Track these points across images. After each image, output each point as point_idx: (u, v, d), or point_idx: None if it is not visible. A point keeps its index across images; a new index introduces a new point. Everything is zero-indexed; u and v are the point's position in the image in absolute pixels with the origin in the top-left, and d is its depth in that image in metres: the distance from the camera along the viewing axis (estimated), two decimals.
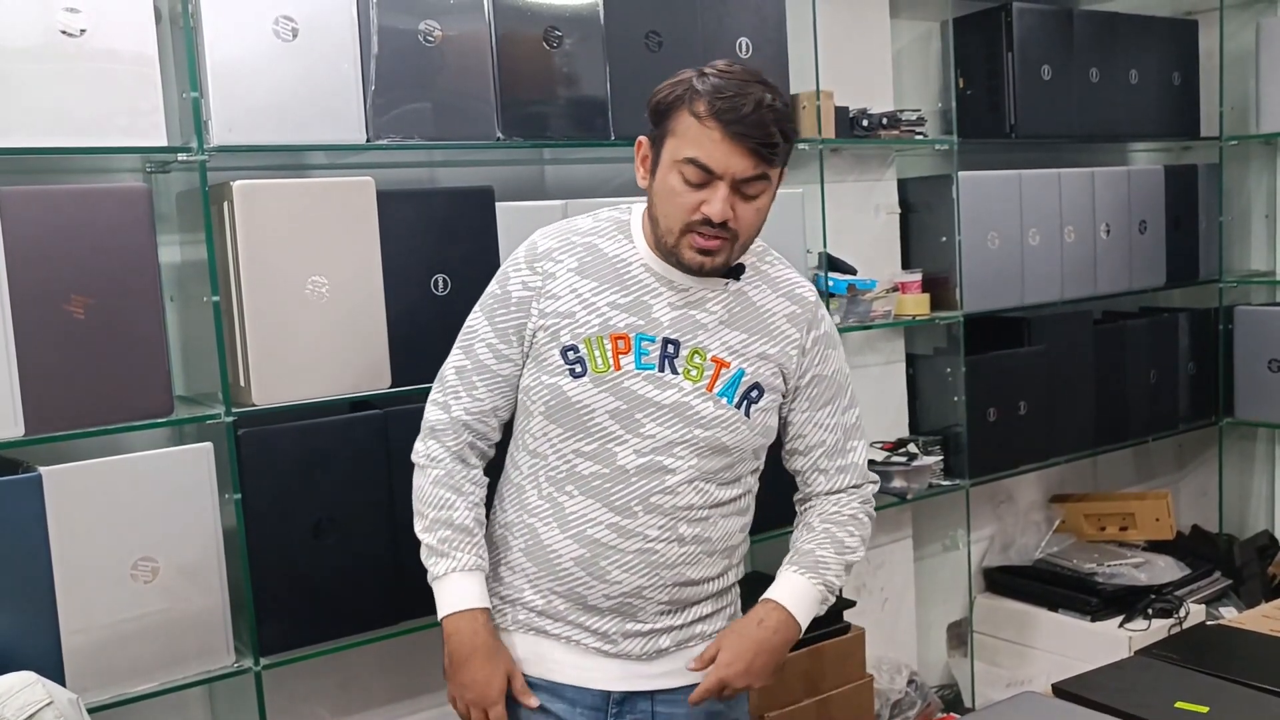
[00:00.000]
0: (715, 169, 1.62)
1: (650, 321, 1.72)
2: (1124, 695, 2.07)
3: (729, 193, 1.63)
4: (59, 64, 1.97)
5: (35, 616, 1.95)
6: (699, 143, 1.61)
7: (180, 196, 2.34)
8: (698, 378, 1.72)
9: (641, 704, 1.79)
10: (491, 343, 1.78)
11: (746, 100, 1.60)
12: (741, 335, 1.75)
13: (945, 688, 3.67)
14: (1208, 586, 3.70)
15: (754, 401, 1.75)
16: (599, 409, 1.71)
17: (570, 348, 1.72)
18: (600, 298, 1.73)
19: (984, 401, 3.37)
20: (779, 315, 1.78)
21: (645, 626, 1.76)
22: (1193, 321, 4.00)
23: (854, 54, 3.24)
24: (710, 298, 1.75)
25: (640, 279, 1.74)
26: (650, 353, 1.71)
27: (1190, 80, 3.94)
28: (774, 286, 1.80)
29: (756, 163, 1.62)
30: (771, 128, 1.61)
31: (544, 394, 1.73)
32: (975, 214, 3.33)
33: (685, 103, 1.63)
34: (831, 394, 1.84)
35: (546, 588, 1.77)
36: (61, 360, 1.97)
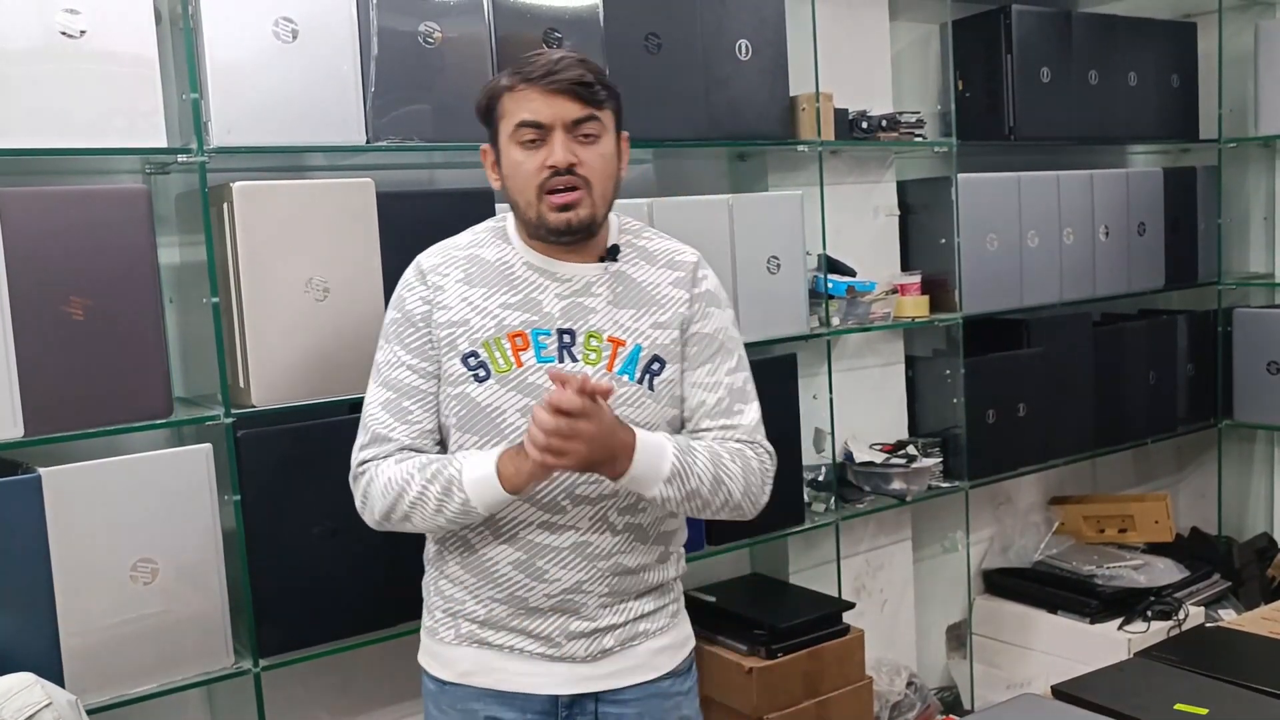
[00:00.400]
0: (543, 120, 1.68)
1: (543, 315, 1.75)
2: (1123, 697, 2.07)
3: (565, 138, 1.68)
4: (59, 65, 1.97)
5: (34, 618, 1.95)
6: (521, 106, 1.69)
7: (180, 198, 2.34)
8: (597, 360, 1.74)
9: (588, 705, 1.79)
10: (411, 364, 1.76)
11: (550, 59, 1.70)
12: (631, 311, 1.77)
13: (944, 689, 3.67)
14: (1207, 589, 3.70)
15: (656, 374, 1.76)
16: (509, 409, 1.72)
17: (470, 354, 1.73)
18: (491, 301, 1.75)
19: (983, 403, 3.37)
20: (663, 284, 1.80)
21: (589, 625, 1.77)
22: (1192, 323, 4.00)
23: (853, 56, 3.24)
24: (595, 283, 1.77)
25: (525, 277, 1.77)
26: (548, 345, 1.73)
27: (1189, 82, 3.95)
28: (652, 260, 1.82)
29: (580, 104, 1.68)
30: (578, 69, 1.68)
31: (454, 405, 1.74)
32: (974, 216, 3.34)
33: (502, 87, 1.72)
34: (712, 352, 1.81)
35: (487, 596, 1.77)
36: (61, 361, 1.97)
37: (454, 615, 1.81)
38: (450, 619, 1.81)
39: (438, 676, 1.84)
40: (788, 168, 3.10)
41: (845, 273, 3.13)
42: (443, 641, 1.82)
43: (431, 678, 1.86)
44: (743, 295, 2.79)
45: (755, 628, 2.76)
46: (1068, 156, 3.84)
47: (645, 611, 1.82)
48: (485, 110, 1.75)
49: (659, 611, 1.85)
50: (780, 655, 2.72)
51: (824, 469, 3.12)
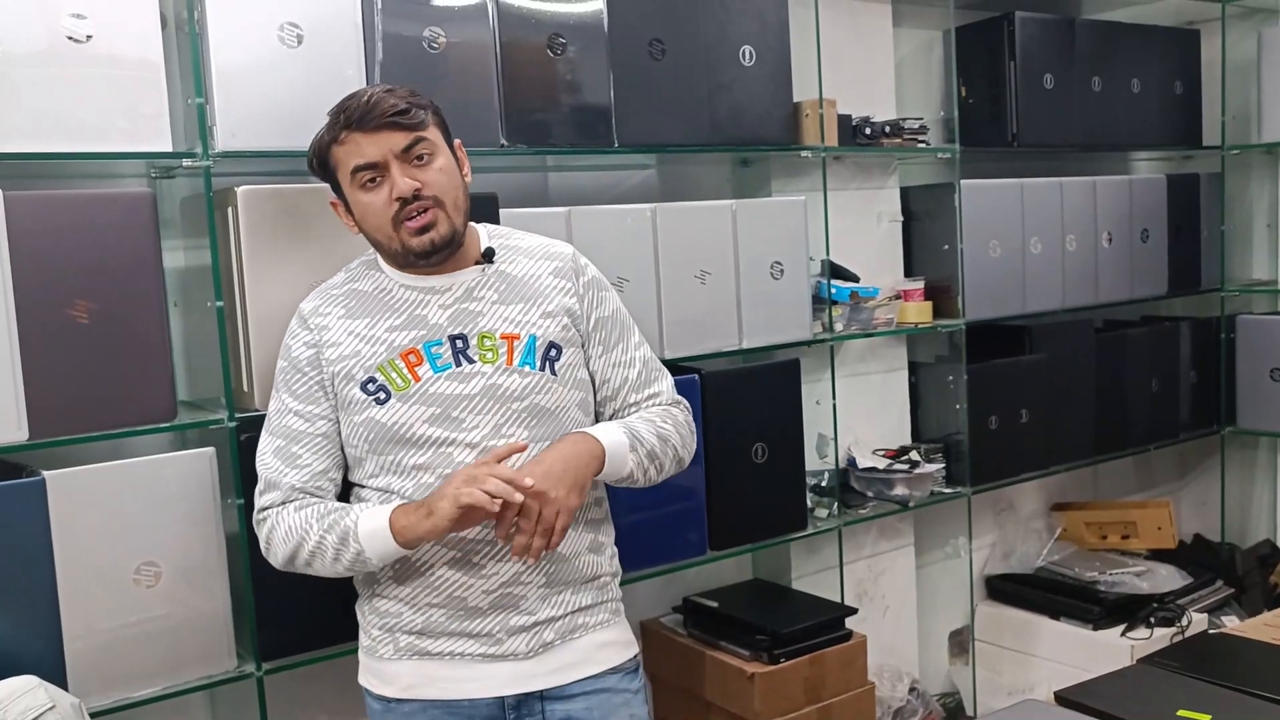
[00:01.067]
0: (374, 159, 1.75)
1: (430, 328, 1.80)
2: (1126, 704, 2.07)
3: (403, 167, 1.75)
4: (64, 69, 1.97)
5: (38, 621, 1.95)
6: (352, 154, 1.76)
7: (184, 202, 2.35)
8: (494, 358, 1.79)
9: (534, 705, 1.81)
10: (297, 409, 1.83)
11: (357, 100, 1.76)
12: (518, 306, 1.83)
13: (947, 696, 3.67)
14: (1210, 595, 3.70)
15: (555, 360, 1.82)
16: (415, 421, 1.76)
17: (368, 380, 1.78)
18: (376, 328, 1.81)
19: (986, 409, 3.37)
20: (543, 275, 1.87)
21: (528, 619, 1.78)
22: (1194, 330, 4.00)
23: (856, 62, 3.24)
24: (475, 286, 1.83)
25: (405, 298, 1.83)
26: (442, 354, 1.78)
27: (1192, 90, 3.95)
28: (529, 255, 1.89)
29: (402, 132, 1.74)
30: (388, 102, 1.74)
31: (361, 432, 1.79)
32: (977, 222, 3.34)
33: (327, 141, 1.79)
34: (619, 332, 1.92)
35: (424, 603, 1.79)
36: (65, 365, 1.97)
37: (391, 630, 1.83)
38: (388, 634, 1.84)
39: (381, 694, 1.86)
40: (791, 173, 3.10)
41: (848, 278, 3.13)
42: (382, 658, 1.85)
43: (375, 697, 1.88)
44: (746, 300, 2.79)
45: (757, 633, 2.76)
46: (1071, 163, 3.84)
47: (583, 605, 1.85)
48: (320, 166, 1.83)
49: (598, 606, 1.87)
50: (782, 661, 2.72)
51: (827, 474, 3.12)
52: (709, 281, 2.72)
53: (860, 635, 2.88)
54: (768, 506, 2.36)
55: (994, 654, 3.61)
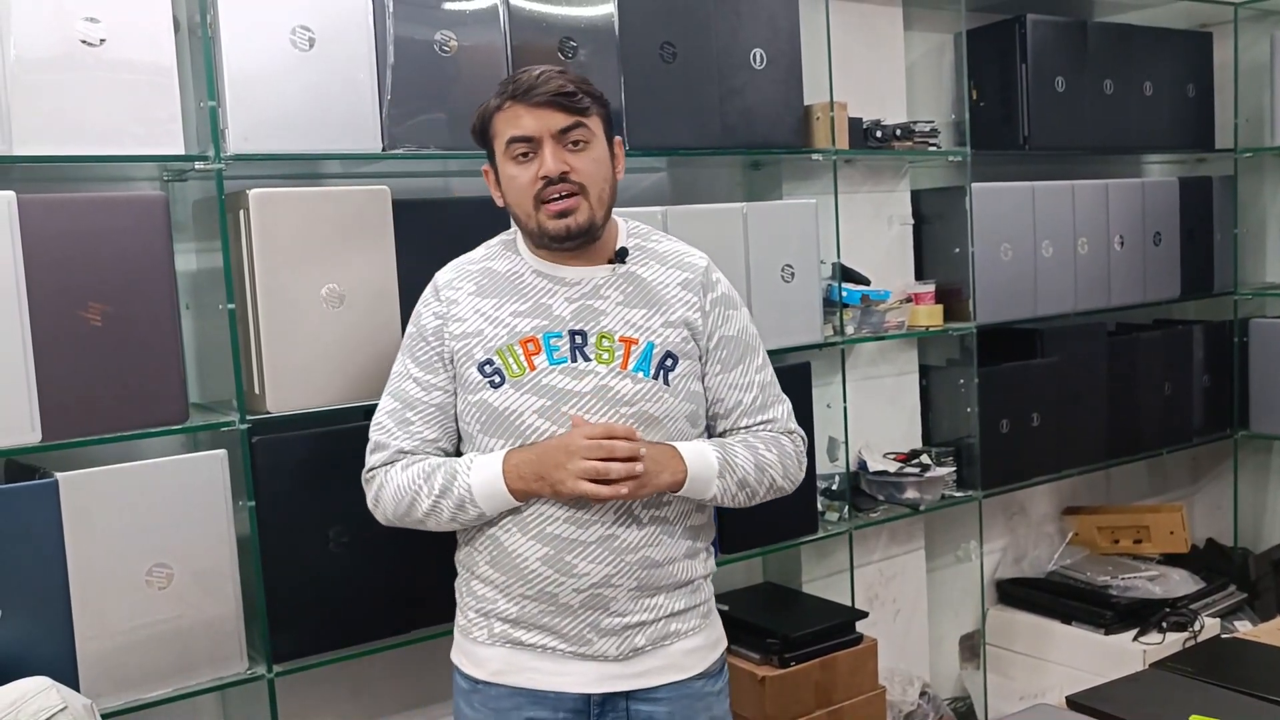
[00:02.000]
0: (531, 133, 1.75)
1: (553, 319, 1.80)
2: (1138, 708, 2.06)
3: (555, 148, 1.75)
4: (78, 73, 1.98)
5: (50, 622, 1.96)
6: (510, 124, 1.77)
7: (197, 205, 2.36)
8: (610, 360, 1.78)
9: (621, 704, 1.81)
10: (417, 376, 1.85)
11: (528, 73, 1.77)
12: (642, 311, 1.82)
13: (958, 700, 3.66)
14: (1222, 600, 3.68)
15: (670, 370, 1.81)
16: (525, 411, 1.77)
17: (486, 362, 1.79)
18: (502, 310, 1.82)
19: (997, 413, 3.37)
20: (672, 285, 1.85)
21: (619, 622, 1.78)
22: (1207, 334, 3.98)
23: (868, 66, 3.24)
24: (603, 284, 1.83)
25: (534, 284, 1.83)
26: (560, 347, 1.78)
27: (1205, 92, 3.94)
28: (663, 260, 1.88)
29: (564, 113, 1.75)
30: (558, 80, 1.75)
31: (474, 412, 1.80)
32: (988, 225, 3.33)
33: (491, 108, 1.80)
34: (741, 353, 1.90)
35: (518, 594, 1.79)
36: (78, 367, 1.98)
37: (486, 615, 1.83)
38: (483, 619, 1.84)
39: (470, 675, 1.86)
40: (802, 176, 3.10)
41: (859, 281, 3.12)
42: (476, 641, 1.85)
43: (464, 675, 1.88)
44: (757, 303, 2.79)
45: (768, 636, 2.76)
46: (1082, 166, 3.84)
47: (676, 610, 1.84)
48: (480, 132, 1.84)
49: (690, 611, 1.86)
50: (793, 664, 2.72)
51: (837, 478, 3.12)
52: None
53: (871, 639, 2.88)
54: (778, 510, 2.34)
55: (1005, 658, 3.60)
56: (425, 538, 1.92)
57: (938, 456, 3.28)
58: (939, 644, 3.61)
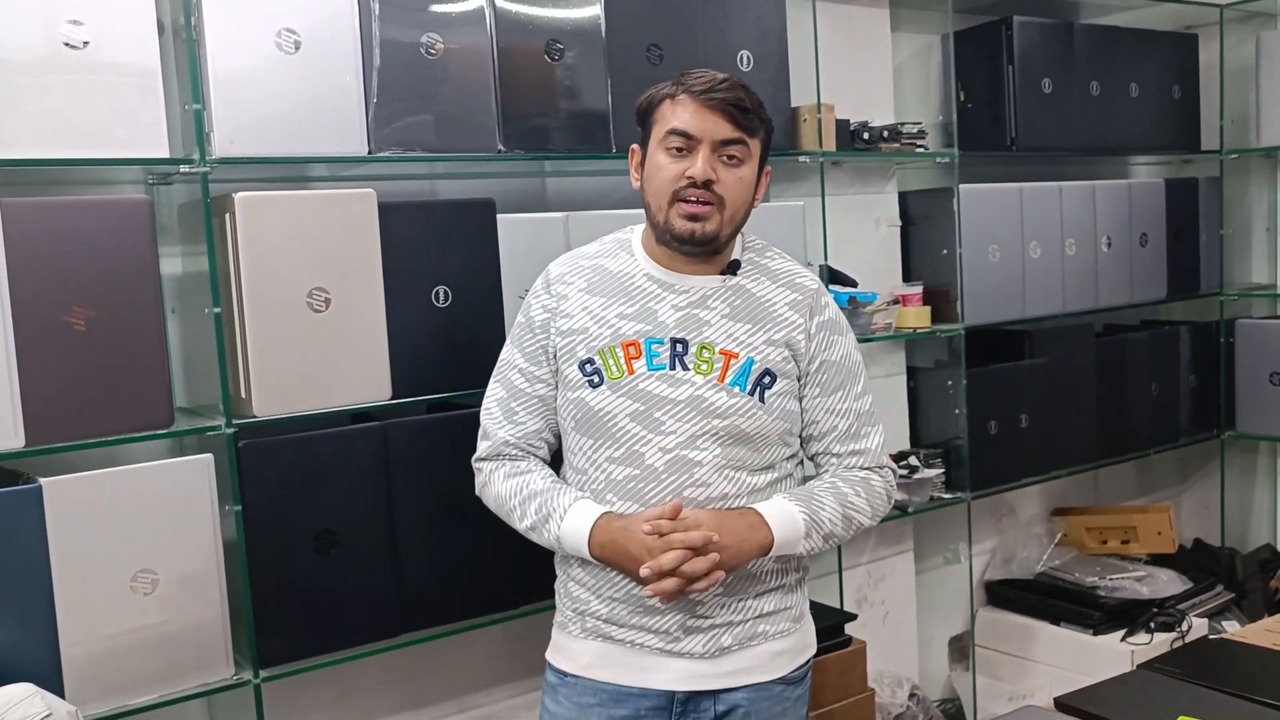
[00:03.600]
0: (694, 132, 1.76)
1: (657, 325, 1.81)
2: (1126, 709, 2.07)
3: (710, 154, 1.76)
4: (62, 76, 1.97)
5: (35, 628, 1.94)
6: (678, 115, 1.78)
7: (182, 208, 2.34)
8: (708, 371, 1.79)
9: (705, 703, 1.83)
10: (523, 367, 1.89)
11: (714, 77, 1.78)
12: (746, 326, 1.82)
13: (947, 701, 3.66)
14: (1210, 600, 3.69)
15: (767, 388, 1.81)
16: (620, 413, 1.79)
17: (587, 361, 1.82)
18: (609, 311, 1.83)
19: (985, 414, 3.37)
20: (780, 304, 1.86)
21: (707, 622, 1.80)
22: (1194, 334, 3.99)
23: (855, 67, 3.24)
24: (711, 295, 1.83)
25: (644, 288, 1.84)
26: (660, 354, 1.79)
27: (1190, 94, 3.95)
28: (774, 278, 1.88)
29: (732, 126, 1.76)
30: (740, 93, 1.77)
31: (571, 409, 1.84)
32: (976, 227, 3.34)
33: (664, 94, 1.81)
34: (841, 379, 1.89)
35: (608, 595, 1.83)
36: (62, 371, 1.96)
37: (580, 613, 1.88)
38: (578, 616, 1.89)
39: (560, 669, 1.91)
40: (789, 178, 3.10)
41: (847, 283, 3.12)
42: (570, 635, 1.90)
43: (554, 670, 1.92)
44: None
45: None
46: (1069, 167, 3.84)
47: (765, 611, 1.85)
48: (643, 112, 1.85)
49: (779, 614, 1.88)
50: None
51: None
52: None
53: (860, 641, 2.88)
54: None
55: (994, 659, 3.60)
56: (413, 542, 1.92)
57: (926, 458, 3.28)
58: (928, 646, 3.61)
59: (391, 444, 2.27)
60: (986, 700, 3.59)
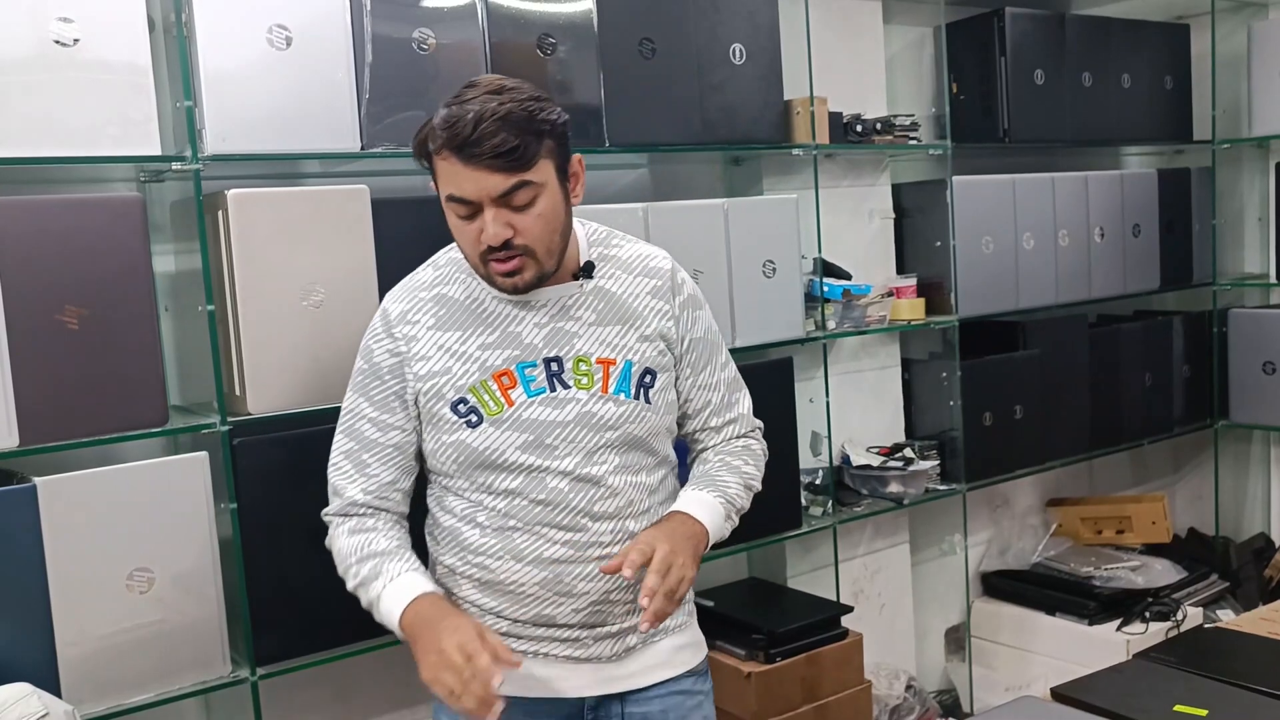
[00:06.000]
0: (469, 196, 1.60)
1: (525, 348, 1.71)
2: (1123, 699, 2.07)
3: (497, 212, 1.60)
4: (52, 74, 1.96)
5: (30, 627, 1.94)
6: (448, 178, 1.61)
7: (174, 206, 2.34)
8: (589, 385, 1.72)
9: (614, 706, 1.79)
10: (373, 416, 1.74)
11: (466, 122, 1.56)
12: (616, 328, 1.75)
13: (943, 693, 3.67)
14: (1205, 589, 3.70)
15: (649, 386, 1.76)
16: (509, 447, 1.69)
17: (459, 401, 1.69)
18: (468, 344, 1.71)
19: (980, 406, 3.37)
20: (642, 295, 1.78)
21: (614, 627, 1.76)
22: (1187, 325, 4.00)
23: (847, 60, 3.24)
24: (572, 304, 1.73)
25: (498, 311, 1.72)
26: (536, 377, 1.70)
27: (1182, 84, 3.96)
28: (628, 269, 1.79)
29: (503, 175, 1.58)
30: (498, 137, 1.56)
31: (450, 453, 1.72)
32: (969, 218, 3.34)
33: (430, 142, 1.63)
34: (709, 354, 1.86)
35: (510, 615, 1.74)
36: (55, 371, 1.96)
37: None
38: None
39: None
40: (782, 171, 3.10)
41: (841, 276, 3.13)
42: None
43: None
44: (738, 299, 2.79)
45: (753, 632, 2.76)
46: (1062, 158, 3.85)
47: None
48: (423, 156, 1.67)
49: (676, 610, 1.79)
50: (779, 660, 2.72)
51: (821, 472, 3.12)
52: (701, 280, 2.71)
53: (856, 633, 2.88)
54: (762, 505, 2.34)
55: (990, 650, 3.61)
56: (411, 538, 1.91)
57: (921, 450, 3.28)
58: (924, 637, 3.62)
59: None
60: (983, 691, 3.60)
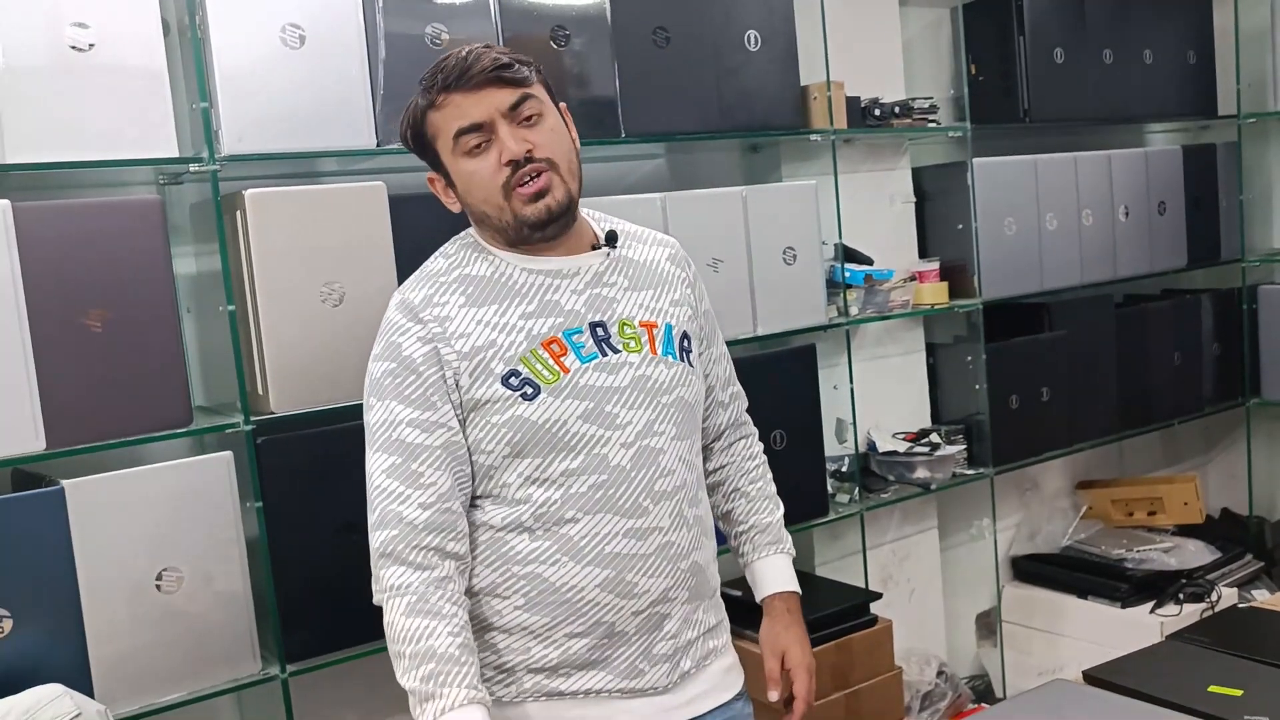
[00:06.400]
0: (480, 119, 1.57)
1: (568, 315, 1.62)
2: (1156, 680, 2.05)
3: (512, 129, 1.57)
4: (69, 79, 1.98)
5: (62, 629, 1.96)
6: (452, 117, 1.58)
7: (193, 207, 2.35)
8: (638, 347, 1.65)
9: None
10: (414, 418, 1.56)
11: (452, 58, 1.58)
12: (650, 292, 1.70)
13: (975, 678, 3.65)
14: (1239, 569, 3.66)
15: (689, 350, 1.72)
16: (571, 417, 1.58)
17: (510, 373, 1.57)
18: (509, 315, 1.60)
19: (1006, 389, 3.35)
20: (662, 261, 1.76)
21: (670, 646, 1.65)
22: (1216, 302, 3.96)
23: (864, 43, 3.22)
24: (604, 271, 1.68)
25: (531, 283, 1.64)
26: (585, 344, 1.61)
27: (1206, 58, 3.91)
28: (641, 240, 1.78)
29: (508, 88, 1.57)
30: (489, 56, 1.57)
31: (505, 434, 1.57)
32: (991, 200, 3.31)
33: (423, 108, 1.61)
34: (713, 327, 1.85)
35: (563, 634, 1.60)
36: (80, 374, 1.97)
37: (511, 670, 1.62)
38: (507, 675, 1.63)
39: None
40: (801, 158, 3.08)
41: (862, 261, 3.11)
42: (499, 702, 1.62)
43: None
44: (759, 287, 2.78)
45: None
46: (1084, 137, 3.81)
47: (710, 625, 1.74)
48: (415, 138, 1.64)
49: (720, 626, 1.78)
50: None
51: (847, 460, 3.10)
52: (721, 269, 2.71)
53: (886, 620, 2.87)
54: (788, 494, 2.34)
55: (1022, 635, 3.59)
56: None
57: (947, 434, 3.26)
58: (955, 623, 3.60)
59: None
60: (1015, 676, 3.57)
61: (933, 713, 3.20)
